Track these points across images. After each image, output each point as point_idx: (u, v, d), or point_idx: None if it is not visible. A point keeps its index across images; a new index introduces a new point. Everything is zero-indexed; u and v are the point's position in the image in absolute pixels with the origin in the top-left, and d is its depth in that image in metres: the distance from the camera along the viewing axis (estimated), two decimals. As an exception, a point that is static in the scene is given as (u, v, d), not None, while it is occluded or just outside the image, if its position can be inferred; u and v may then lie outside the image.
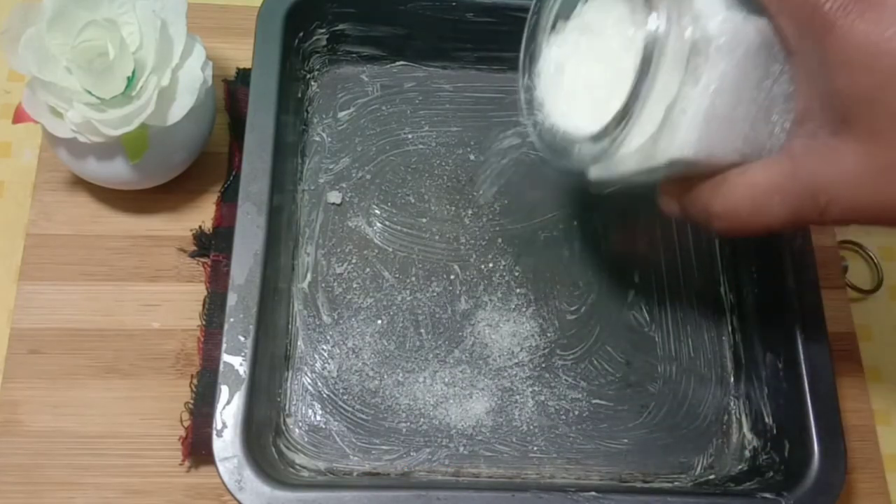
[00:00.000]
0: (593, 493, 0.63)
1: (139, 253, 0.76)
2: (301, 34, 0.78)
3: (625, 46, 0.53)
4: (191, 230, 0.77)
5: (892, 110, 0.43)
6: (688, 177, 0.55)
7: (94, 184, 0.75)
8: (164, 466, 0.70)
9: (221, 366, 0.64)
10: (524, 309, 0.76)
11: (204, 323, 0.73)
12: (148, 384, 0.72)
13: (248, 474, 0.61)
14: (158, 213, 0.78)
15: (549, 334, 0.75)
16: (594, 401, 0.73)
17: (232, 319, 0.65)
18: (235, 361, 0.64)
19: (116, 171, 0.72)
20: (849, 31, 0.43)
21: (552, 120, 0.59)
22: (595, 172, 0.57)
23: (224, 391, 0.63)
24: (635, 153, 0.53)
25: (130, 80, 0.68)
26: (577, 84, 0.58)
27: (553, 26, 0.60)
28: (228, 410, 0.62)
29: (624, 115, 0.51)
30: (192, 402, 0.71)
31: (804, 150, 0.48)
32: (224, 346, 0.64)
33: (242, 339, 0.64)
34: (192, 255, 0.76)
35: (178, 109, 0.70)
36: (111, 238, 0.77)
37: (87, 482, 0.69)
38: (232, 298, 0.66)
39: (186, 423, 0.70)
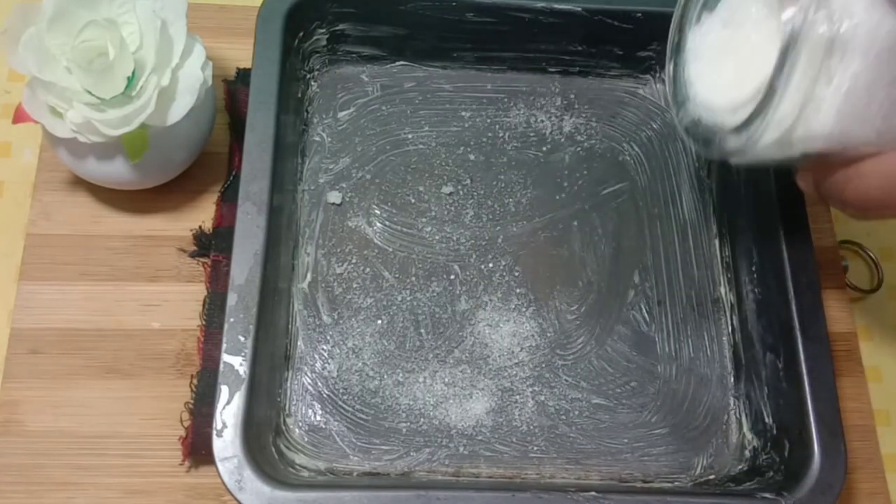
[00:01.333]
0: (593, 494, 0.63)
1: (139, 253, 0.76)
2: (301, 34, 0.78)
3: (765, 40, 0.56)
4: (191, 230, 0.77)
5: None
6: (822, 157, 0.57)
7: (94, 184, 0.75)
8: (164, 466, 0.70)
9: (221, 366, 0.64)
10: (524, 309, 0.76)
11: (204, 323, 0.73)
12: (148, 384, 0.72)
13: (248, 474, 0.61)
14: (158, 213, 0.78)
15: (549, 334, 0.75)
16: (594, 401, 0.73)
17: (232, 319, 0.65)
18: (235, 361, 0.64)
19: (116, 171, 0.72)
20: None
21: (696, 110, 0.62)
22: (735, 159, 0.60)
23: (224, 391, 0.63)
24: (772, 144, 0.56)
25: (130, 80, 0.68)
26: (720, 76, 0.61)
27: (698, 18, 0.63)
28: (228, 410, 0.62)
29: (761, 110, 0.54)
30: (192, 402, 0.71)
31: None
32: (224, 346, 0.64)
33: (242, 339, 0.64)
34: (192, 255, 0.76)
35: (178, 109, 0.70)
36: (111, 238, 0.77)
37: (87, 482, 0.69)
38: (232, 298, 0.65)
39: (186, 423, 0.70)
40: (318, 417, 0.71)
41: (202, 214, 0.78)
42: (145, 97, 0.67)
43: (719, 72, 0.61)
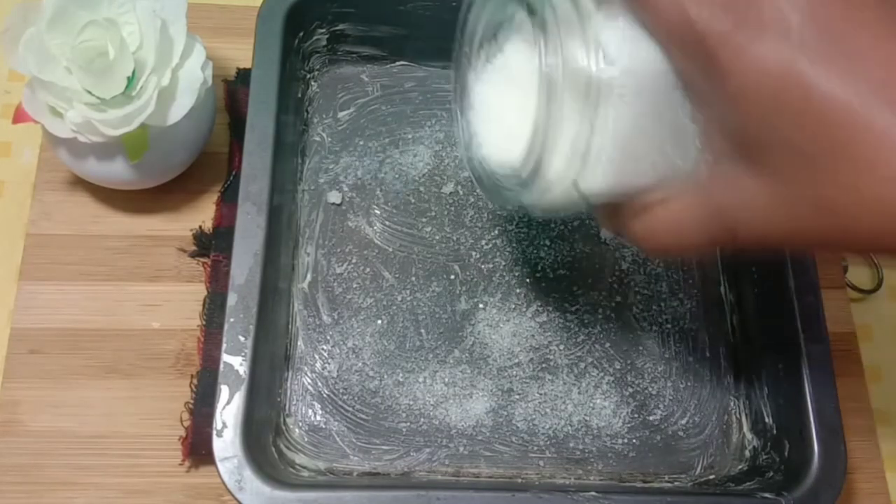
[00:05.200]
0: (593, 494, 0.63)
1: (139, 253, 0.76)
2: (301, 34, 0.78)
3: (534, 84, 0.51)
4: (191, 230, 0.77)
5: (782, 143, 0.41)
6: (614, 204, 0.54)
7: (94, 184, 0.75)
8: (164, 466, 0.70)
9: (221, 366, 0.64)
10: (524, 309, 0.76)
11: (204, 323, 0.73)
12: (148, 384, 0.72)
13: (248, 474, 0.61)
14: (158, 212, 0.78)
15: (548, 334, 0.75)
16: (594, 401, 0.73)
17: (232, 319, 0.65)
18: (235, 361, 0.64)
19: (116, 171, 0.72)
20: (733, 59, 0.41)
21: (481, 157, 0.58)
22: (526, 204, 0.56)
23: (224, 391, 0.63)
24: (554, 188, 0.51)
25: (130, 80, 0.68)
26: (498, 132, 0.57)
27: (475, 64, 0.60)
28: (228, 410, 0.62)
29: (530, 156, 0.51)
30: (192, 402, 0.71)
31: (712, 177, 0.47)
32: (224, 346, 0.64)
33: (242, 339, 0.64)
34: (192, 255, 0.76)
35: (179, 109, 0.70)
36: (111, 238, 0.77)
37: (87, 482, 0.69)
38: (232, 298, 0.66)
39: (186, 423, 0.70)
40: (318, 417, 0.71)
41: (202, 214, 0.78)
42: (145, 97, 0.67)
43: (498, 127, 0.57)
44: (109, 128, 0.67)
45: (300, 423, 0.70)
